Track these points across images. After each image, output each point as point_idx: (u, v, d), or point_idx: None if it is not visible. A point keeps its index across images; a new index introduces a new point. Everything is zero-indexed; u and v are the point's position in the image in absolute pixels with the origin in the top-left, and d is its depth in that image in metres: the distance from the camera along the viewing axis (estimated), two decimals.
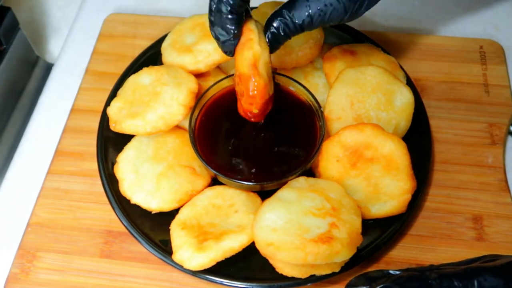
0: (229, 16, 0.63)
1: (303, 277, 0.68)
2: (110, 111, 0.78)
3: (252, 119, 0.73)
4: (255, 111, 0.70)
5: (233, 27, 0.65)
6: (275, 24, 0.65)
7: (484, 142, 0.84)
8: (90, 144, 0.83)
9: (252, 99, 0.69)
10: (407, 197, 0.72)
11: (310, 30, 0.66)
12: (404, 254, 0.75)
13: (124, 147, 0.78)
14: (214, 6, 0.63)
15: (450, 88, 0.89)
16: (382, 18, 1.00)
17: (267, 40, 0.67)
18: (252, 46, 0.65)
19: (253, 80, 0.67)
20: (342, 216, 0.66)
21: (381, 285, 0.56)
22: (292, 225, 0.65)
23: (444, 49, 0.94)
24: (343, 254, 0.64)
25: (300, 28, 0.65)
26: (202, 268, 0.68)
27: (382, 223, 0.73)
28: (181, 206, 0.74)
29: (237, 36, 0.66)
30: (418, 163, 0.76)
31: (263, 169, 0.73)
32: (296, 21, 0.64)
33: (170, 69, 0.79)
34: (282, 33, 0.66)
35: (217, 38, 0.66)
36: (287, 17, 0.64)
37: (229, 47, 0.67)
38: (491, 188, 0.80)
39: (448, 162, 0.82)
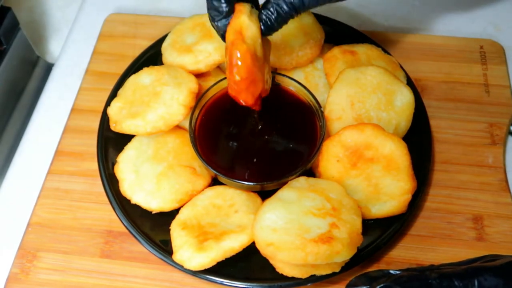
0: None
1: (303, 277, 0.68)
2: (111, 111, 0.78)
3: (242, 101, 0.69)
4: (237, 78, 0.66)
5: (224, 5, 0.64)
6: (268, 6, 0.65)
7: (485, 142, 0.84)
8: (91, 144, 0.83)
9: (236, 67, 0.66)
10: (408, 197, 0.72)
11: (305, 11, 0.65)
12: (405, 254, 0.75)
13: (124, 147, 0.78)
14: None
15: (450, 88, 0.89)
16: (382, 18, 1.00)
17: (261, 23, 0.66)
18: (240, 16, 0.64)
19: (236, 45, 0.65)
20: (342, 216, 0.66)
21: (382, 285, 0.56)
22: (293, 225, 0.65)
23: (445, 49, 0.94)
24: (344, 254, 0.64)
25: (293, 8, 0.65)
26: (203, 268, 0.68)
27: (383, 223, 0.73)
28: (182, 206, 0.74)
29: (228, 14, 0.65)
30: (419, 163, 0.76)
31: (263, 169, 0.73)
32: (287, 0, 0.64)
33: (170, 69, 0.79)
34: (275, 14, 0.65)
35: (212, 20, 0.66)
36: None
37: (222, 27, 0.66)
38: (492, 188, 0.80)
39: (449, 162, 0.82)
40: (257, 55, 0.67)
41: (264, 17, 0.66)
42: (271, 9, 0.65)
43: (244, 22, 0.64)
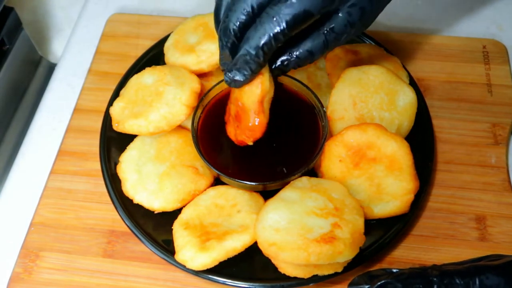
0: (261, 62, 0.63)
1: (305, 277, 0.68)
2: (113, 111, 0.78)
3: (241, 145, 0.71)
4: (250, 143, 0.70)
5: (258, 69, 0.64)
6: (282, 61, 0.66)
7: (487, 142, 0.84)
8: (93, 144, 0.83)
9: (250, 132, 0.68)
10: (410, 197, 0.71)
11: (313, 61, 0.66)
12: (407, 254, 0.75)
13: (127, 147, 0.78)
14: (250, 51, 0.62)
15: (453, 88, 0.89)
16: (385, 17, 1.00)
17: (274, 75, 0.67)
18: (263, 82, 0.65)
19: (256, 117, 0.67)
20: (345, 216, 0.66)
21: (383, 281, 0.56)
22: (295, 225, 0.65)
23: (447, 49, 0.94)
24: (346, 254, 0.64)
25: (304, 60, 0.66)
26: (205, 268, 0.68)
27: (385, 223, 0.72)
28: (184, 206, 0.74)
29: (254, 76, 0.65)
30: (421, 163, 0.76)
31: (266, 169, 0.73)
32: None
33: (173, 69, 0.79)
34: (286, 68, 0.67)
35: (232, 76, 0.64)
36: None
37: (240, 84, 0.65)
38: (494, 188, 0.79)
39: (451, 162, 0.82)
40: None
41: (276, 73, 0.67)
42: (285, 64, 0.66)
43: (266, 89, 0.66)
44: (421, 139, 0.79)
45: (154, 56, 0.89)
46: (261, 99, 0.66)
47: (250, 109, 0.67)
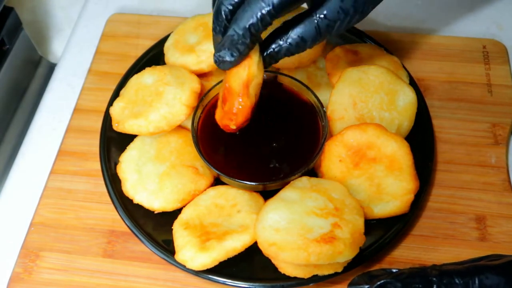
0: (248, 43, 0.62)
1: (305, 277, 0.68)
2: (113, 111, 0.78)
3: (225, 130, 0.71)
4: (233, 127, 0.69)
5: (246, 51, 0.63)
6: (272, 46, 0.65)
7: (487, 142, 0.83)
8: (93, 144, 0.83)
9: (234, 116, 0.68)
10: (410, 197, 0.71)
11: (311, 46, 0.65)
12: (407, 254, 0.75)
13: (127, 147, 0.78)
14: (238, 32, 0.61)
15: (453, 88, 0.89)
16: (385, 17, 1.00)
17: (263, 60, 0.66)
18: (250, 65, 0.65)
19: (240, 99, 0.66)
20: (345, 216, 0.66)
21: (382, 281, 0.56)
22: (295, 225, 0.65)
23: (447, 49, 0.94)
24: (346, 254, 0.64)
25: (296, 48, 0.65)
26: (205, 268, 0.68)
27: (385, 223, 0.72)
28: (184, 206, 0.74)
29: (242, 58, 0.64)
30: (421, 163, 0.76)
31: (266, 169, 0.73)
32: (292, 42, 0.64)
33: (173, 69, 0.79)
34: (279, 55, 0.66)
35: (220, 57, 0.63)
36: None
37: (228, 66, 0.64)
38: (494, 188, 0.79)
39: (451, 162, 0.82)
40: (255, 99, 0.68)
41: (268, 58, 0.66)
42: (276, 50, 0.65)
43: (253, 73, 0.65)
44: (421, 139, 0.79)
45: (154, 56, 0.89)
46: (247, 82, 0.65)
47: (236, 91, 0.66)
